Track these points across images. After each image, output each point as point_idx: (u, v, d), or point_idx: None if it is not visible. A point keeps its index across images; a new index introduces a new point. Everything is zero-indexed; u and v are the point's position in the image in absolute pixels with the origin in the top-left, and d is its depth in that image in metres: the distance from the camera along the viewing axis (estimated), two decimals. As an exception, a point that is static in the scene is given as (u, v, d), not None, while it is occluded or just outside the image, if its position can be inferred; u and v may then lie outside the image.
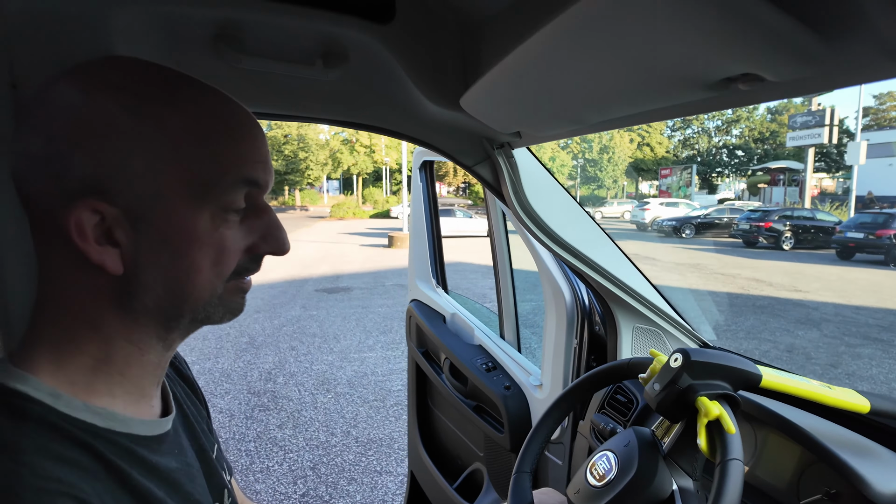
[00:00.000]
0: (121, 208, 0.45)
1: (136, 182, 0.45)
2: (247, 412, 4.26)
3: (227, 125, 0.49)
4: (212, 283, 0.50)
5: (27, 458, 0.40)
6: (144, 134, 0.45)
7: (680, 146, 47.11)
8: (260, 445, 3.73)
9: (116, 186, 0.45)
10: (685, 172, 38.36)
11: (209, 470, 0.62)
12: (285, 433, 3.92)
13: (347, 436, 3.88)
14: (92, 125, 0.44)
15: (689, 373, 0.70)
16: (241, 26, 0.85)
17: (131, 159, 0.45)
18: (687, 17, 0.41)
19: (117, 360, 0.49)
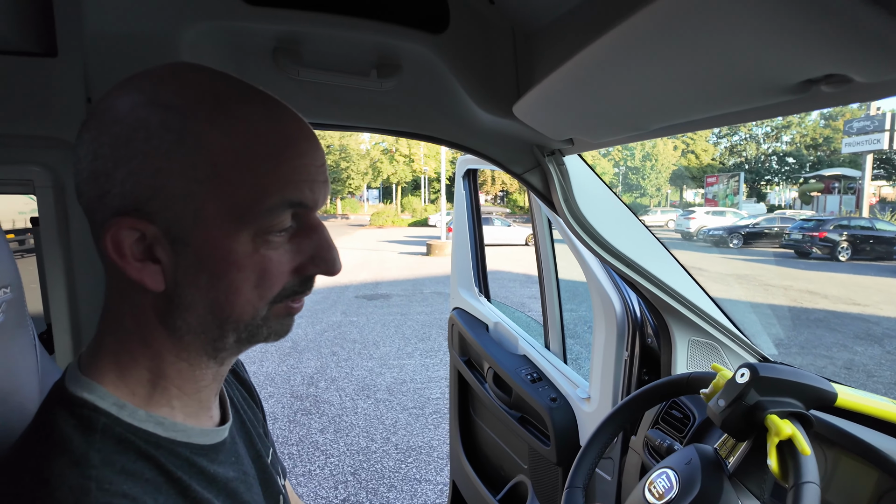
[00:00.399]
0: (160, 227, 0.44)
1: (174, 202, 0.44)
2: (290, 416, 4.34)
3: (272, 145, 0.46)
4: (253, 305, 0.48)
5: (95, 472, 0.41)
6: (184, 154, 0.44)
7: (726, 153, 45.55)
8: (302, 449, 3.79)
9: (155, 205, 0.44)
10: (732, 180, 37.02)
11: (265, 476, 0.62)
12: (327, 437, 3.97)
13: (387, 442, 3.90)
14: (133, 143, 0.43)
15: (756, 389, 0.67)
16: (300, 39, 0.87)
17: (170, 179, 0.44)
18: (767, 15, 0.39)
19: (171, 374, 0.49)
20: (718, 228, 21.30)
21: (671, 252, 1.20)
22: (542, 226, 1.78)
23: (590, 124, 0.79)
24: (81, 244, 0.93)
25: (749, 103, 0.54)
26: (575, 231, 1.09)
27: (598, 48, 0.55)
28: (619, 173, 42.81)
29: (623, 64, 0.56)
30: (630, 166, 42.82)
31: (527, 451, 1.62)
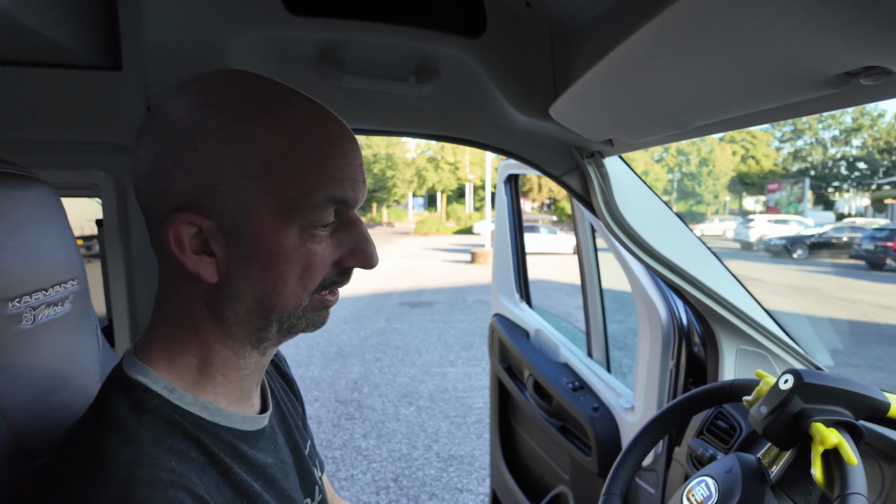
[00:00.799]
0: (215, 222, 0.47)
1: (229, 198, 0.47)
2: (333, 420, 4.43)
3: (318, 145, 0.49)
4: (298, 295, 0.51)
5: (146, 448, 0.44)
6: (238, 153, 0.46)
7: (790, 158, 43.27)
8: (345, 453, 3.85)
9: (211, 201, 0.47)
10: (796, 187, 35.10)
11: (301, 466, 0.64)
12: (369, 443, 4.02)
13: (429, 450, 3.90)
14: (191, 143, 0.46)
15: (801, 396, 0.63)
16: (342, 47, 0.90)
17: (225, 176, 0.46)
18: (801, 5, 0.37)
19: (217, 362, 0.52)
20: (781, 238, 20.22)
21: (719, 258, 1.15)
22: (586, 232, 1.75)
23: (628, 123, 0.77)
24: (140, 243, 0.99)
25: (787, 98, 0.51)
26: (616, 234, 1.07)
27: (633, 44, 0.54)
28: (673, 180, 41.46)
29: (659, 59, 0.55)
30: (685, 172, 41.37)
31: (568, 461, 1.58)
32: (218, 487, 0.48)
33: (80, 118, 0.91)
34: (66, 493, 0.42)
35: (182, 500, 0.42)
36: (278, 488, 0.55)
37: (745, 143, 41.96)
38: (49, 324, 0.58)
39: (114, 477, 0.41)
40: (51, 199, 0.61)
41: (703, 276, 1.10)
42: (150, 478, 0.42)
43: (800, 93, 0.49)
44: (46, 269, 0.57)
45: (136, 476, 0.42)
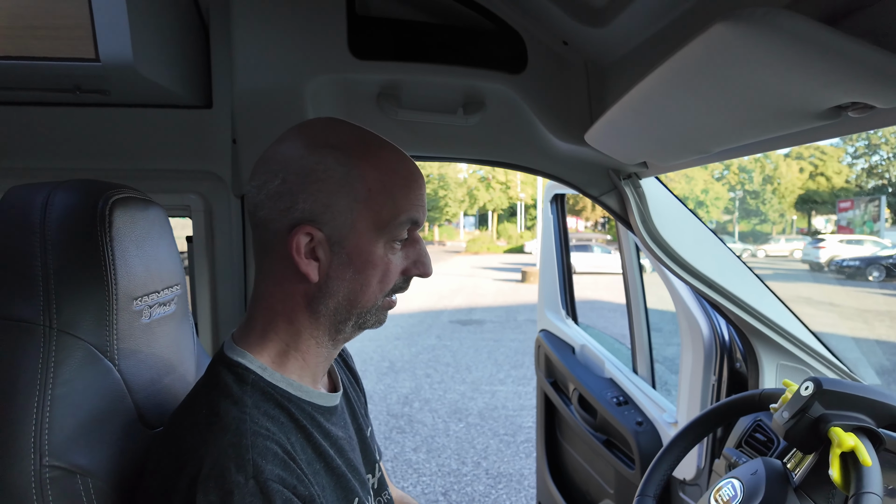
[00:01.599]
0: (326, 234, 0.61)
1: (339, 216, 0.60)
2: (385, 433, 4.53)
3: (404, 178, 0.63)
4: (375, 296, 0.64)
5: (248, 410, 0.57)
6: (350, 182, 0.60)
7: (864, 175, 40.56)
8: (396, 466, 3.93)
9: (325, 218, 0.60)
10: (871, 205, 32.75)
11: (364, 446, 0.75)
12: (419, 456, 4.09)
13: (478, 467, 3.93)
14: (315, 174, 0.60)
15: (821, 402, 0.67)
16: (399, 85, 1.03)
17: (338, 199, 0.60)
18: (789, 57, 0.45)
19: (301, 348, 0.65)
20: (855, 259, 18.89)
21: (757, 275, 1.18)
22: (630, 248, 1.79)
23: (655, 148, 0.84)
24: (222, 257, 1.14)
25: (788, 128, 0.58)
26: (654, 252, 1.12)
27: (654, 79, 0.63)
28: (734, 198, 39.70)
29: (675, 93, 0.63)
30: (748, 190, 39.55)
31: (612, 474, 1.61)
32: (302, 447, 0.59)
33: (178, 150, 1.08)
34: (192, 439, 0.54)
35: (275, 450, 0.55)
36: (346, 458, 0.66)
37: (814, 159, 39.67)
38: (160, 320, 0.71)
39: (227, 428, 0.54)
40: (163, 219, 0.75)
41: (741, 292, 1.13)
42: (252, 431, 0.55)
43: (799, 123, 0.56)
44: (160, 275, 0.71)
45: (242, 428, 0.54)
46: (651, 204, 1.12)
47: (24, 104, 1.00)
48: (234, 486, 0.50)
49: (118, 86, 0.90)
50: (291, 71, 0.99)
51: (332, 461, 0.62)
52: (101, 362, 0.60)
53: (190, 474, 0.51)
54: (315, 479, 0.59)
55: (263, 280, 0.65)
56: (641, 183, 1.12)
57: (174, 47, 0.94)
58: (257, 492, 0.51)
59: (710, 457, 1.28)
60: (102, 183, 0.66)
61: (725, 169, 39.49)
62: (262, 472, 0.52)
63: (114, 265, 0.61)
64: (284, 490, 0.53)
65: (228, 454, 0.52)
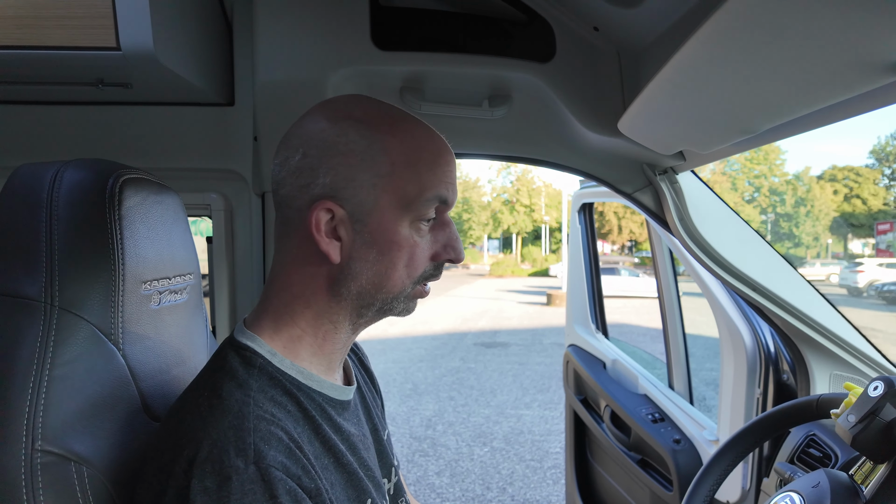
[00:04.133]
0: (347, 211, 0.57)
1: (361, 192, 0.56)
2: (408, 456, 4.43)
3: (431, 153, 0.59)
4: (402, 281, 0.59)
5: (253, 393, 0.53)
6: (372, 156, 0.56)
7: (903, 197, 39.10)
8: (419, 490, 3.83)
9: (346, 194, 0.56)
10: (913, 227, 31.47)
11: (380, 448, 0.69)
12: (443, 481, 3.97)
13: (503, 493, 3.80)
14: (336, 147, 0.56)
15: (893, 403, 0.59)
16: (422, 78, 1.00)
17: (360, 174, 0.56)
18: None
19: (318, 334, 0.61)
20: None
21: (806, 278, 1.10)
22: (664, 258, 1.71)
23: (696, 131, 0.78)
24: (242, 257, 1.12)
25: (848, 90, 0.51)
26: (693, 251, 1.05)
27: (692, 48, 0.58)
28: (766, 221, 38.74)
29: (717, 61, 0.58)
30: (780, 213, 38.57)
31: (648, 496, 1.50)
32: (309, 440, 0.55)
33: (199, 148, 1.06)
34: (192, 421, 0.51)
35: (280, 436, 0.50)
36: (359, 456, 0.61)
37: (848, 181, 38.55)
38: (171, 308, 0.68)
39: (229, 410, 0.50)
40: (178, 206, 0.73)
41: (789, 295, 1.05)
42: (256, 414, 0.51)
43: (859, 83, 0.50)
44: (172, 262, 0.68)
45: (245, 411, 0.50)
46: (689, 201, 1.05)
47: (50, 104, 1.01)
48: (233, 472, 0.46)
49: (140, 78, 0.89)
50: (314, 64, 0.97)
51: (342, 457, 0.57)
52: (105, 345, 0.57)
53: (187, 457, 0.47)
54: (323, 474, 0.54)
55: (282, 262, 0.61)
56: (678, 178, 1.05)
57: (196, 39, 0.93)
58: (258, 478, 0.47)
59: (757, 476, 1.17)
60: (114, 163, 0.63)
61: (756, 191, 38.70)
62: (263, 457, 0.48)
63: (122, 245, 0.58)
64: (288, 479, 0.48)
65: (228, 437, 0.48)
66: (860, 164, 39.79)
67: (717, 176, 38.38)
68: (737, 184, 38.96)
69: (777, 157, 38.56)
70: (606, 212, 36.39)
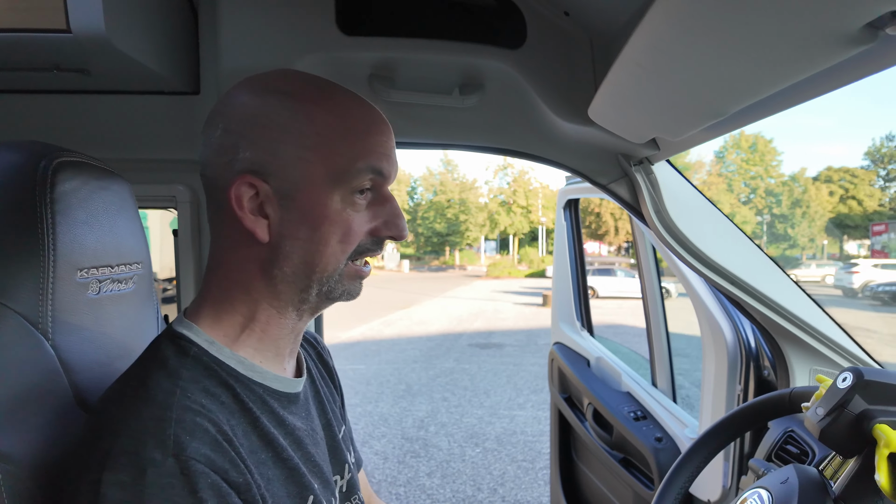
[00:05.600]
0: (273, 187, 0.54)
1: (286, 165, 0.54)
2: (399, 457, 4.40)
3: (360, 122, 0.56)
4: (336, 257, 0.56)
5: (182, 383, 0.50)
6: (297, 128, 0.54)
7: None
8: (409, 491, 3.79)
9: (271, 168, 0.54)
10: (908, 228, 31.57)
11: (333, 444, 0.67)
12: (433, 482, 3.94)
13: (494, 493, 3.77)
14: (257, 119, 0.54)
15: (863, 396, 0.57)
16: (390, 64, 0.97)
17: (285, 147, 0.54)
18: None
19: (261, 320, 0.58)
20: (891, 284, 18.15)
21: (786, 272, 1.07)
22: (648, 257, 1.68)
23: (665, 116, 0.76)
24: None
25: (816, 64, 0.49)
26: (668, 243, 1.03)
27: (651, 25, 0.55)
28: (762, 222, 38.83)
29: (678, 38, 0.55)
30: (776, 214, 38.66)
31: (631, 496, 1.47)
32: (245, 433, 0.52)
33: (165, 138, 1.03)
34: (114, 412, 0.48)
35: (206, 427, 0.48)
36: (305, 451, 0.59)
37: (844, 182, 38.69)
38: (114, 298, 0.65)
39: (152, 400, 0.48)
40: (126, 194, 0.70)
41: (769, 290, 1.03)
42: (182, 405, 0.48)
43: (827, 55, 0.47)
44: (116, 250, 0.65)
45: (170, 401, 0.48)
46: (665, 192, 1.03)
47: (6, 92, 0.98)
48: (149, 464, 0.43)
49: (97, 63, 0.86)
50: (280, 51, 0.95)
51: (283, 452, 0.55)
52: (32, 335, 0.54)
53: (103, 450, 0.45)
54: (258, 469, 0.51)
55: (217, 247, 0.59)
56: (654, 169, 1.03)
57: (158, 25, 0.90)
58: (177, 472, 0.44)
59: (738, 475, 1.15)
60: (53, 146, 0.61)
61: (752, 193, 38.79)
62: (184, 449, 0.45)
63: (53, 231, 0.55)
64: (211, 473, 0.45)
65: (148, 428, 0.46)
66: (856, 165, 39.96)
67: (714, 177, 38.49)
68: (733, 185, 39.06)
69: (773, 159, 38.70)
70: (603, 213, 36.43)
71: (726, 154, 40.14)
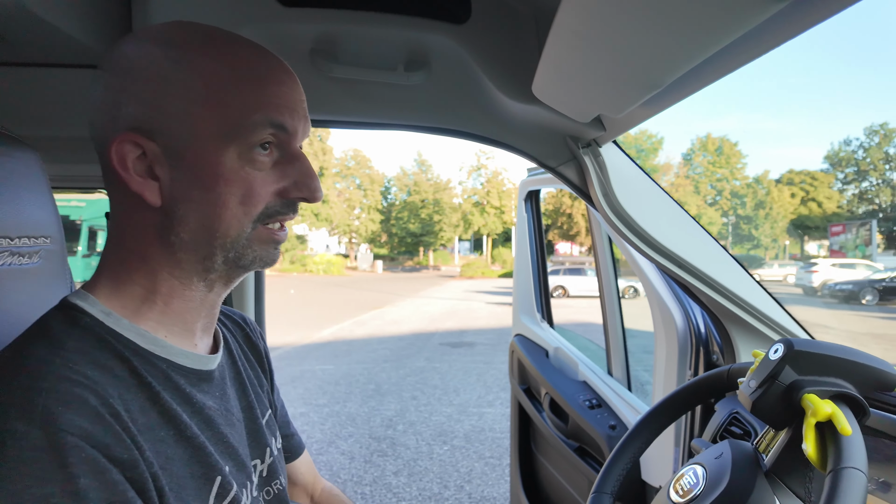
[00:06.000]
0: (160, 145, 0.50)
1: (172, 121, 0.50)
2: (366, 456, 4.34)
3: (256, 72, 0.52)
4: (239, 220, 0.52)
5: (64, 353, 0.46)
6: (183, 80, 0.50)
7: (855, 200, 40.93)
8: (375, 490, 3.74)
9: (156, 125, 0.50)
10: (863, 229, 32.93)
11: (254, 428, 0.63)
12: (400, 480, 3.90)
13: (461, 490, 3.75)
14: (139, 72, 0.50)
15: (793, 366, 0.56)
16: (333, 38, 0.93)
17: (170, 101, 0.50)
18: None
19: (162, 291, 0.54)
20: (847, 282, 18.89)
21: (731, 254, 1.08)
22: (604, 248, 1.69)
23: (606, 91, 0.75)
24: None
25: (743, 24, 0.48)
26: (616, 227, 1.02)
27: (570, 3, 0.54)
28: (727, 223, 39.95)
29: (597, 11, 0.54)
30: (741, 215, 39.84)
31: (586, 485, 1.47)
32: (142, 409, 0.48)
33: None
34: None
35: (86, 398, 0.43)
36: (218, 432, 0.55)
37: (805, 184, 40.13)
38: (14, 272, 0.60)
39: (23, 369, 0.44)
40: (34, 164, 0.65)
41: (716, 274, 1.03)
42: (59, 375, 0.44)
43: (752, 14, 0.46)
44: (17, 222, 0.60)
45: (44, 371, 0.43)
46: (614, 176, 1.02)
47: None
48: (9, 436, 0.39)
49: (13, 30, 0.80)
50: (216, 22, 0.90)
51: (187, 430, 0.51)
52: None
53: None
54: (154, 447, 0.47)
55: (113, 216, 0.55)
56: (602, 152, 1.02)
57: None
58: (45, 444, 0.40)
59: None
60: None
61: (718, 195, 39.88)
62: (54, 420, 0.41)
63: None
64: (87, 447, 0.41)
65: (14, 398, 0.41)
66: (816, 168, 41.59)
67: (681, 179, 39.44)
68: (700, 187, 40.09)
69: (738, 161, 39.88)
70: (574, 214, 36.91)
71: (693, 156, 41.21)
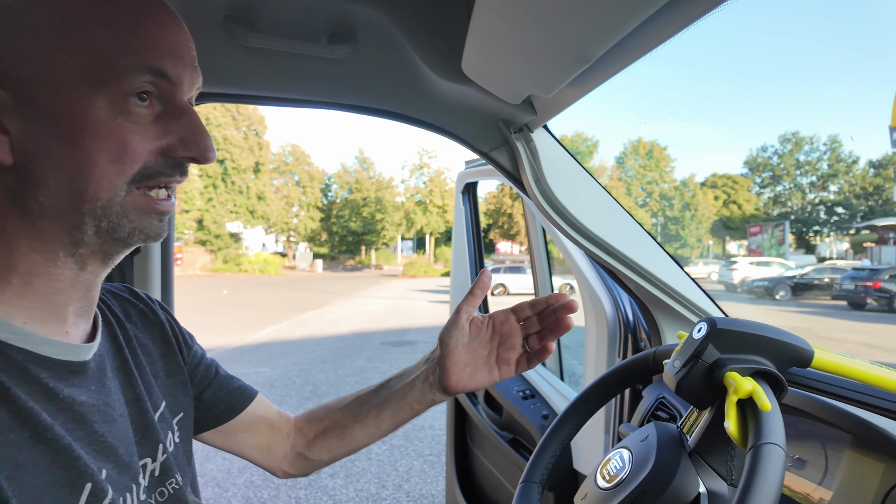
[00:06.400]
0: (9, 92, 0.42)
1: (24, 62, 0.42)
2: (302, 459, 4.20)
3: (129, 8, 0.45)
4: (111, 181, 0.45)
5: None
6: (35, 15, 0.42)
7: (770, 203, 44.28)
8: (310, 493, 3.63)
9: (3, 68, 0.42)
10: (777, 230, 35.72)
11: (143, 423, 0.56)
12: (336, 482, 3.80)
13: (399, 489, 3.70)
14: None
15: (715, 344, 0.56)
16: (249, 5, 0.86)
17: (20, 40, 0.42)
18: None
19: (20, 267, 0.46)
20: (763, 279, 20.40)
21: (657, 241, 1.10)
22: (538, 240, 1.69)
23: (534, 68, 0.73)
24: None
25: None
26: (547, 214, 1.01)
27: None
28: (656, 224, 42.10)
29: None
30: (669, 216, 42.09)
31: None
32: None
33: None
34: None
35: None
36: (90, 430, 0.47)
37: (727, 188, 43.00)
38: None
39: None
40: None
41: (642, 260, 1.04)
42: None
43: None
44: None
45: None
46: (545, 162, 1.01)
47: None
48: None
49: None
50: None
51: (47, 432, 0.43)
52: None
53: None
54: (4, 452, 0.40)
55: None
56: (534, 138, 1.01)
57: None
58: None
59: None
60: None
61: (648, 196, 41.94)
62: None
63: None
64: None
65: None
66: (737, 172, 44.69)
67: (614, 182, 41.19)
68: (631, 189, 42.02)
69: (667, 165, 42.14)
70: (515, 214, 37.69)
71: (626, 160, 43.16)
